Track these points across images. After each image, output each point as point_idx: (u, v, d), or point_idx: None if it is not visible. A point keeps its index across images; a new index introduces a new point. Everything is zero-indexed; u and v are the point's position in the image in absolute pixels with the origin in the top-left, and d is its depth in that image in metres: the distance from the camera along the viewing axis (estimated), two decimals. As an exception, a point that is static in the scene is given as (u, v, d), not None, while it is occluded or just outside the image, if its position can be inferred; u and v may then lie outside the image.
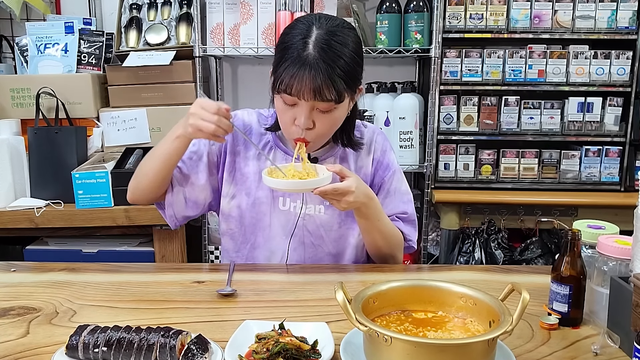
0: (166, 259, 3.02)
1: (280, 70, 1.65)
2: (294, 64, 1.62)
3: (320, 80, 1.61)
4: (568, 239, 1.42)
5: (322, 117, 1.71)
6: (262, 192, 1.93)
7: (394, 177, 1.99)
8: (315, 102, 1.65)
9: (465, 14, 3.23)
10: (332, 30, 1.66)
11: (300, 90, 1.63)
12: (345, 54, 1.65)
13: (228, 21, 3.34)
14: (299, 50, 1.63)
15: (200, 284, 1.73)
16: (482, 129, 3.34)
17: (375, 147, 1.99)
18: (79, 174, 2.87)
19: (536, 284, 1.70)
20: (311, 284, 1.72)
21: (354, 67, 1.69)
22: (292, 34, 1.68)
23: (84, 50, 3.35)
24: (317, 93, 1.62)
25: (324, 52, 1.62)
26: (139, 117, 3.26)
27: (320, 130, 1.74)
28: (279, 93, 1.69)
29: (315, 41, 1.64)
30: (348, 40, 1.68)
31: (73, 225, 2.93)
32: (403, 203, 1.99)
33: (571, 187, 3.37)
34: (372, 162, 1.98)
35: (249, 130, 1.96)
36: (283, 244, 1.94)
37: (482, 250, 3.33)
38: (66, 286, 1.70)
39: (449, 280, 1.39)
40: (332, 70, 1.62)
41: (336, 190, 1.66)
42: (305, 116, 1.68)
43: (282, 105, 1.72)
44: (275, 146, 1.94)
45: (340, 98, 1.66)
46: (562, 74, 3.26)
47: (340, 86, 1.64)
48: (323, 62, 1.61)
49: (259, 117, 2.00)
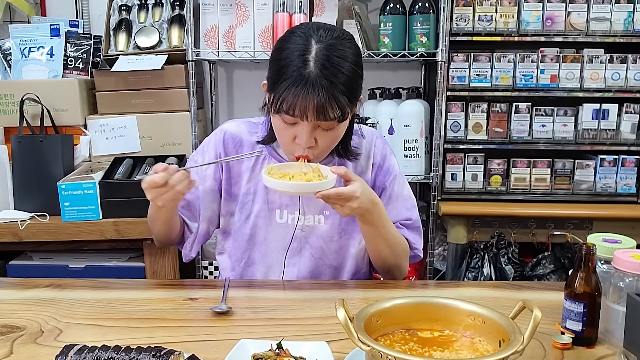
0: (157, 275, 3.02)
1: (280, 90, 1.65)
2: (294, 83, 1.62)
3: (323, 100, 1.61)
4: (582, 254, 1.42)
5: (324, 134, 1.72)
6: (257, 206, 1.94)
7: (396, 182, 1.99)
8: (318, 122, 1.67)
9: (473, 15, 3.23)
10: (331, 44, 1.67)
11: (304, 111, 1.63)
12: (346, 68, 1.66)
13: (223, 23, 3.35)
14: (299, 68, 1.63)
15: (193, 301, 1.73)
16: (492, 138, 3.34)
17: (375, 152, 2.00)
18: (65, 184, 2.87)
19: (548, 301, 1.70)
20: (310, 301, 1.73)
21: (354, 80, 1.70)
22: (290, 49, 1.68)
23: (70, 54, 3.36)
24: (320, 113, 1.63)
25: (325, 70, 1.63)
26: (129, 125, 3.27)
27: (322, 147, 1.76)
28: (278, 113, 1.69)
29: (316, 57, 1.64)
30: (348, 53, 1.69)
31: (59, 239, 2.93)
32: (407, 209, 2.00)
33: (585, 198, 3.37)
34: (372, 167, 1.99)
35: (239, 142, 1.97)
36: (280, 259, 1.95)
37: (491, 265, 3.33)
38: (52, 303, 1.71)
39: (457, 297, 1.39)
40: (335, 88, 1.63)
41: (340, 195, 1.66)
42: (307, 135, 1.69)
43: (282, 124, 1.72)
44: (269, 156, 1.95)
45: (343, 116, 1.68)
46: (575, 79, 3.26)
47: (344, 103, 1.65)
48: (325, 80, 1.62)
49: (249, 127, 2.00)
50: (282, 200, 1.93)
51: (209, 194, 1.97)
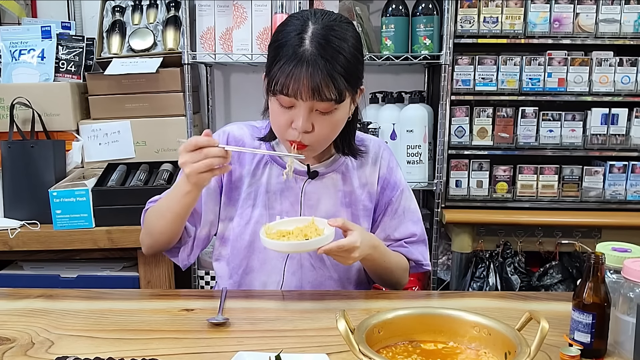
0: (152, 285, 3.02)
1: (275, 70, 1.66)
2: (289, 61, 1.63)
3: (319, 78, 1.61)
4: (591, 263, 1.43)
5: (322, 119, 1.72)
6: (257, 211, 1.94)
7: (402, 196, 2.01)
8: (314, 102, 1.66)
9: (478, 17, 3.24)
10: (329, 25, 1.68)
11: (298, 90, 1.63)
12: (345, 50, 1.66)
13: (219, 25, 3.36)
14: (294, 46, 1.64)
15: (189, 312, 1.73)
16: (497, 143, 3.34)
17: (382, 164, 2.01)
18: (57, 192, 2.87)
19: (556, 312, 1.70)
20: (310, 312, 1.73)
21: (354, 64, 1.70)
22: (286, 30, 1.70)
23: (62, 57, 3.36)
24: (316, 92, 1.63)
25: (322, 48, 1.63)
26: (123, 130, 3.27)
27: (320, 134, 1.75)
28: (274, 95, 1.70)
29: (312, 36, 1.65)
30: (347, 35, 1.70)
31: (50, 247, 2.93)
32: (413, 223, 2.02)
33: (594, 206, 3.37)
34: (378, 180, 1.99)
35: (241, 145, 1.96)
36: (280, 267, 1.95)
37: (497, 275, 3.33)
38: (43, 314, 1.71)
39: (461, 307, 1.40)
40: (332, 67, 1.63)
41: (341, 247, 1.68)
42: (303, 118, 1.68)
43: (278, 107, 1.73)
44: (270, 161, 1.95)
45: (340, 97, 1.67)
46: (584, 83, 3.27)
47: (341, 84, 1.65)
48: (321, 58, 1.62)
49: (251, 131, 2.00)
50: (282, 206, 1.93)
51: (212, 196, 1.96)
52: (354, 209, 1.97)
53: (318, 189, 1.94)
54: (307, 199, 1.93)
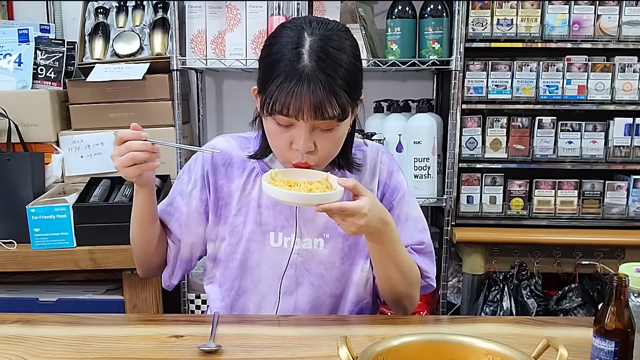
0: (138, 309, 3.01)
1: (272, 88, 1.65)
2: (288, 79, 1.63)
3: (321, 96, 1.62)
4: (613, 286, 1.43)
5: (323, 136, 1.72)
6: (248, 228, 1.94)
7: (404, 201, 1.99)
8: (316, 121, 1.67)
9: (491, 19, 3.25)
10: (326, 35, 1.68)
11: (300, 109, 1.63)
12: (345, 61, 1.67)
13: (211, 28, 3.37)
14: (292, 62, 1.64)
15: (178, 338, 1.73)
16: (512, 156, 3.35)
17: (381, 169, 2.00)
18: (35, 208, 2.87)
19: (576, 339, 1.70)
20: (309, 339, 1.73)
21: (354, 74, 1.71)
22: (281, 43, 1.69)
23: (41, 63, 3.37)
24: (318, 111, 1.63)
25: (321, 62, 1.64)
26: (106, 142, 3.27)
27: (323, 152, 1.75)
28: (271, 115, 1.70)
29: (310, 50, 1.65)
30: (345, 44, 1.71)
31: (28, 269, 2.92)
32: (418, 231, 1.98)
33: (617, 224, 3.38)
34: (378, 185, 1.99)
35: (229, 159, 1.98)
36: (275, 287, 1.95)
37: (511, 298, 3.33)
38: (20, 341, 1.71)
39: (473, 334, 1.40)
40: (334, 82, 1.63)
41: (343, 210, 1.63)
42: (305, 138, 1.69)
43: (276, 127, 1.73)
44: (261, 172, 1.94)
45: (344, 115, 1.68)
46: (606, 91, 3.28)
47: (344, 99, 1.65)
48: (322, 74, 1.63)
49: (240, 143, 2.01)
50: (276, 221, 1.94)
51: (194, 216, 1.98)
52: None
53: None
54: (302, 212, 1.93)
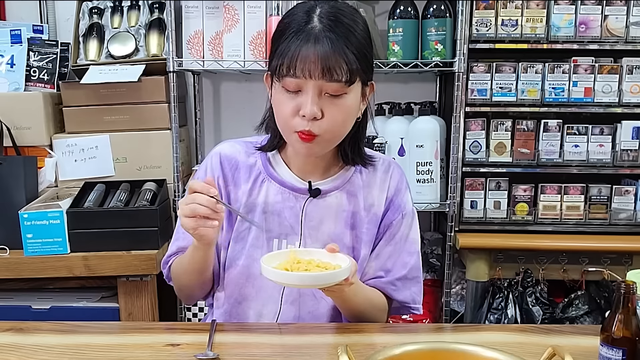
0: (134, 317, 3.01)
1: (281, 48, 1.69)
2: (297, 38, 1.67)
3: (329, 53, 1.65)
4: (621, 293, 1.43)
5: (331, 103, 1.73)
6: (252, 234, 1.95)
7: (403, 222, 2.00)
8: (323, 82, 1.68)
9: (496, 20, 3.24)
10: (339, 7, 1.73)
11: (307, 68, 1.66)
12: (357, 30, 1.71)
13: (209, 29, 3.36)
14: (302, 24, 1.68)
15: (175, 347, 1.73)
16: (517, 160, 3.35)
17: (390, 184, 2.01)
18: (28, 214, 2.87)
19: (582, 347, 1.70)
20: (309, 347, 1.73)
21: (366, 47, 1.74)
22: (293, 14, 1.74)
23: (33, 64, 3.37)
24: (326, 69, 1.65)
25: (333, 24, 1.68)
26: (101, 145, 3.27)
27: (330, 121, 1.74)
28: (279, 79, 1.72)
29: (321, 15, 1.69)
30: (357, 18, 1.75)
31: (21, 276, 2.92)
32: (408, 254, 2.01)
33: (624, 229, 3.37)
34: (385, 201, 2.00)
35: (235, 165, 1.98)
36: (277, 296, 1.95)
37: (516, 306, 3.33)
38: (12, 350, 1.71)
39: (477, 342, 1.40)
40: (344, 42, 1.66)
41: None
42: (311, 100, 1.70)
43: (283, 94, 1.74)
44: (267, 178, 1.96)
45: (352, 77, 1.70)
46: (613, 93, 3.27)
47: (353, 63, 1.68)
48: (332, 33, 1.66)
49: (245, 148, 2.02)
50: (281, 228, 1.94)
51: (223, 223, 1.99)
52: (358, 232, 1.97)
53: (320, 208, 1.94)
54: (308, 220, 1.94)
